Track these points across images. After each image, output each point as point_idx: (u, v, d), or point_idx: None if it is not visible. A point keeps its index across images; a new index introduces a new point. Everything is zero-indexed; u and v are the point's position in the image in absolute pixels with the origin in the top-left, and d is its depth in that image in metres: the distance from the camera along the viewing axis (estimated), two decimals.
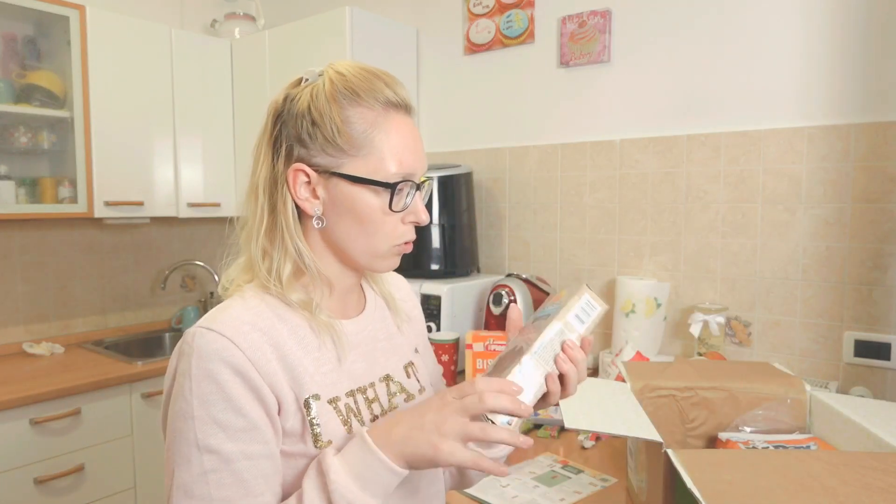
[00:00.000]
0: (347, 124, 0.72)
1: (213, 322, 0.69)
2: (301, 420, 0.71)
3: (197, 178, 2.51)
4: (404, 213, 0.76)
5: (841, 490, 0.66)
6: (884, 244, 1.54)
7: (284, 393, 0.70)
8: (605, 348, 1.98)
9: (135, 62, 2.30)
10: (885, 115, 1.54)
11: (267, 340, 0.70)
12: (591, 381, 1.10)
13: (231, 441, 0.66)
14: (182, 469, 0.65)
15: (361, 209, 0.74)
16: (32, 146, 2.19)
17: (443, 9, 2.35)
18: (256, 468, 0.67)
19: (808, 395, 1.07)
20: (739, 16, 1.72)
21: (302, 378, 0.72)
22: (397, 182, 0.73)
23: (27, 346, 2.26)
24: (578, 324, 0.73)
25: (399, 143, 0.74)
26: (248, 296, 0.74)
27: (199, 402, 0.65)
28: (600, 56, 1.96)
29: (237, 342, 0.67)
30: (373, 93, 0.74)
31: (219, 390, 0.66)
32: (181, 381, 0.67)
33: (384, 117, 0.74)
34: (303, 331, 0.74)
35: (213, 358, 0.66)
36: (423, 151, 0.79)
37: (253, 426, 0.67)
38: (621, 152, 1.96)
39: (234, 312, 0.71)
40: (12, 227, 2.30)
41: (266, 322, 0.71)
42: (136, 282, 2.68)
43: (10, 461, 1.78)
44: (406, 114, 0.77)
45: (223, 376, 0.66)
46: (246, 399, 0.67)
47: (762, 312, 1.72)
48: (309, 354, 0.74)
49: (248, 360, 0.67)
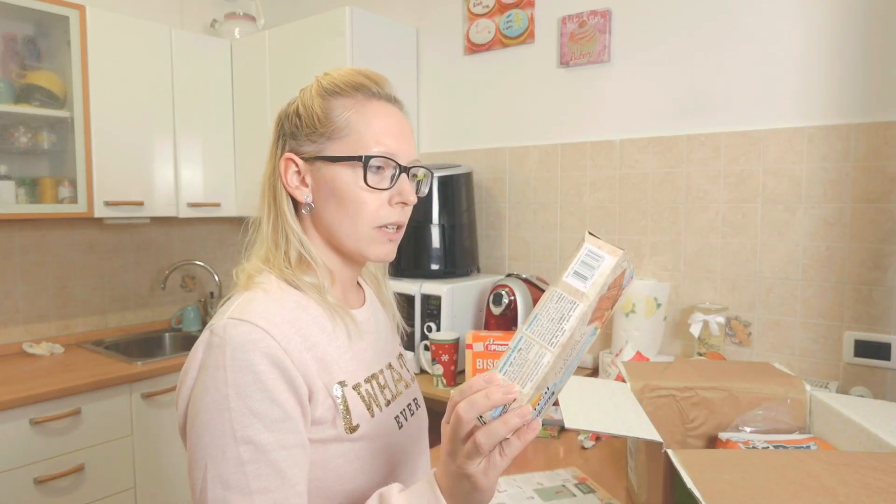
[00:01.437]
0: (328, 112, 0.77)
1: (245, 313, 0.70)
2: (332, 406, 0.73)
3: (197, 178, 2.51)
4: (391, 193, 0.78)
5: (841, 490, 0.66)
6: (884, 244, 1.54)
7: (315, 382, 0.71)
8: (605, 348, 1.98)
9: (135, 62, 2.30)
10: (885, 115, 1.54)
11: (296, 331, 0.72)
12: (591, 380, 1.10)
13: (268, 431, 0.66)
14: (218, 461, 0.65)
15: (341, 187, 0.77)
16: (32, 146, 2.18)
17: (443, 9, 2.35)
18: (292, 458, 0.68)
19: (808, 395, 1.07)
20: (740, 16, 1.72)
21: (330, 366, 0.74)
22: (372, 156, 0.76)
23: (27, 346, 2.26)
24: (580, 282, 0.59)
25: (378, 125, 0.77)
26: (269, 287, 0.75)
27: (236, 392, 0.66)
28: (600, 56, 1.96)
29: (272, 333, 0.69)
30: (354, 85, 0.79)
31: (256, 381, 0.66)
32: (213, 373, 0.67)
33: (364, 104, 0.78)
34: (322, 321, 0.77)
35: (249, 348, 0.67)
36: (411, 139, 0.81)
37: (288, 416, 0.68)
38: (621, 152, 1.96)
39: (263, 304, 0.72)
40: (12, 227, 2.30)
41: (292, 313, 0.73)
42: (136, 282, 2.68)
43: (10, 461, 1.78)
44: (390, 103, 0.81)
45: (261, 367, 0.67)
46: (281, 389, 0.68)
47: (762, 312, 1.72)
48: (332, 343, 0.76)
49: (284, 351, 0.69)
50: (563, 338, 0.58)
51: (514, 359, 0.59)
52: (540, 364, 0.58)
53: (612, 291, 0.61)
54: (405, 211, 0.81)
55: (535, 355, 0.59)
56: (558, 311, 0.59)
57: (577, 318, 0.58)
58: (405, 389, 0.89)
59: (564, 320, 0.59)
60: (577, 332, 0.59)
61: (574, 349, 0.61)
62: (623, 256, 0.59)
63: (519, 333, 0.60)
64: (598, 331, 0.63)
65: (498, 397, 0.57)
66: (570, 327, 0.58)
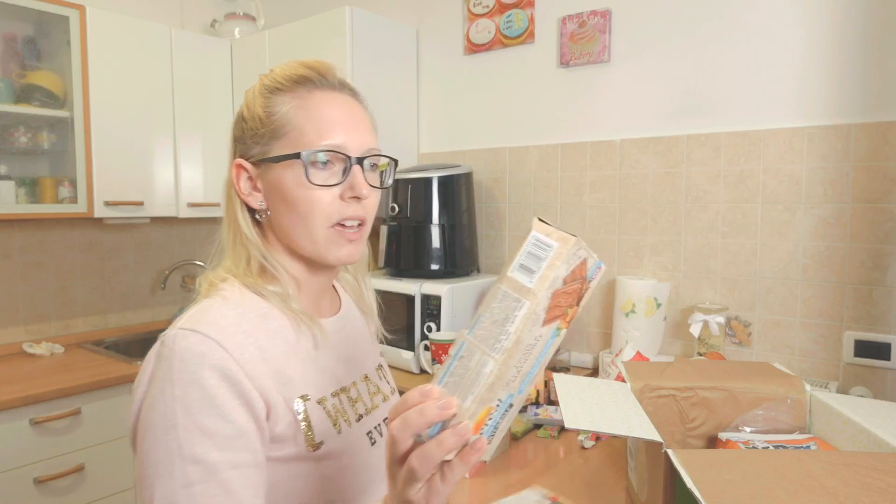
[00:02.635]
0: (269, 110, 0.73)
1: (195, 323, 0.66)
2: (292, 422, 0.69)
3: (197, 178, 2.51)
4: (341, 189, 0.72)
5: (841, 490, 0.66)
6: (884, 244, 1.54)
7: (273, 396, 0.67)
8: (605, 348, 1.98)
9: (135, 62, 2.30)
10: (885, 115, 1.54)
11: (252, 342, 0.67)
12: (591, 380, 1.10)
13: (218, 449, 0.62)
14: (164, 481, 0.61)
15: (287, 189, 0.72)
16: (32, 146, 2.18)
17: (443, 9, 2.35)
18: (245, 477, 0.63)
19: (808, 395, 1.07)
20: (740, 16, 1.72)
21: (291, 379, 0.70)
22: (314, 151, 0.71)
23: (27, 346, 2.26)
24: (526, 277, 0.50)
25: (321, 116, 0.72)
26: (229, 295, 0.71)
27: (183, 408, 0.61)
28: (600, 56, 1.96)
29: (224, 344, 0.64)
30: (294, 79, 0.74)
31: (205, 396, 0.62)
32: (161, 386, 0.63)
33: (305, 97, 0.74)
34: (286, 331, 0.72)
35: (197, 361, 0.63)
36: (364, 127, 0.75)
37: (241, 433, 0.64)
38: (621, 152, 1.96)
39: (218, 313, 0.68)
40: (12, 227, 2.30)
41: (250, 323, 0.69)
42: (136, 282, 2.68)
43: (10, 461, 1.78)
44: (335, 92, 0.75)
45: (209, 381, 0.62)
46: (233, 405, 0.63)
47: (762, 312, 1.72)
48: (296, 355, 0.72)
49: (236, 363, 0.64)
50: (509, 342, 0.50)
51: (454, 368, 0.51)
52: (482, 374, 0.50)
53: (573, 286, 0.52)
54: (364, 206, 0.74)
55: (476, 363, 0.50)
56: (502, 312, 0.51)
57: (524, 319, 0.50)
58: (382, 403, 0.83)
59: (509, 322, 0.50)
60: (528, 335, 0.51)
61: (529, 354, 0.51)
62: (576, 244, 0.51)
63: (460, 338, 0.52)
64: (563, 332, 0.53)
65: (433, 414, 0.49)
66: (516, 330, 0.50)
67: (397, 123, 2.38)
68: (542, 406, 1.55)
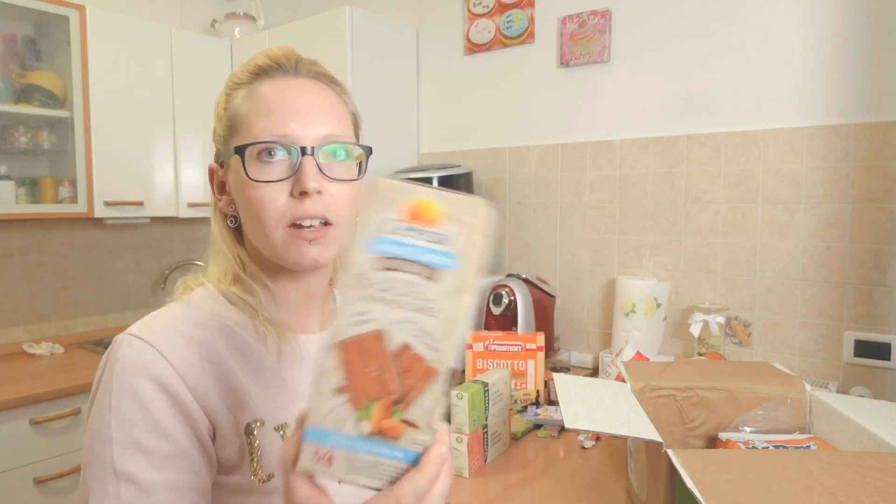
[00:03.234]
0: (227, 108, 0.69)
1: (143, 329, 0.61)
2: (240, 448, 0.62)
3: (197, 178, 2.51)
4: (290, 184, 0.63)
5: (841, 490, 0.66)
6: (884, 244, 1.54)
7: (221, 416, 0.61)
8: (605, 348, 1.98)
9: (135, 62, 2.30)
10: (885, 115, 1.54)
11: (205, 355, 0.62)
12: (591, 380, 1.10)
13: (154, 469, 0.57)
14: (97, 498, 0.57)
15: (238, 189, 0.66)
16: (32, 146, 2.18)
17: (443, 9, 2.35)
18: (182, 501, 0.58)
19: (808, 395, 1.07)
20: (740, 16, 1.72)
21: (244, 399, 0.63)
22: (247, 144, 0.64)
23: (27, 346, 2.25)
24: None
25: (266, 105, 0.65)
26: (195, 300, 0.67)
27: (118, 421, 0.57)
28: (600, 56, 1.96)
29: (167, 354, 0.59)
30: (253, 70, 0.68)
31: (141, 409, 0.57)
32: (101, 395, 0.59)
33: (253, 87, 0.67)
34: (252, 346, 0.66)
35: (137, 371, 0.58)
36: (320, 111, 0.66)
37: (181, 453, 0.58)
38: (621, 152, 1.96)
39: (171, 319, 0.63)
40: (12, 227, 2.30)
41: (207, 333, 0.63)
42: (136, 282, 2.68)
43: (10, 461, 1.78)
44: (290, 77, 0.67)
45: (147, 393, 0.58)
46: (173, 421, 0.58)
47: (762, 312, 1.72)
48: (257, 374, 0.65)
49: (179, 377, 0.59)
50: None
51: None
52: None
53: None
54: (323, 202, 0.64)
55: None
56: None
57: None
58: None
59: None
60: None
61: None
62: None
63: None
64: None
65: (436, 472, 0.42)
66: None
67: (397, 123, 2.38)
68: (542, 406, 1.55)
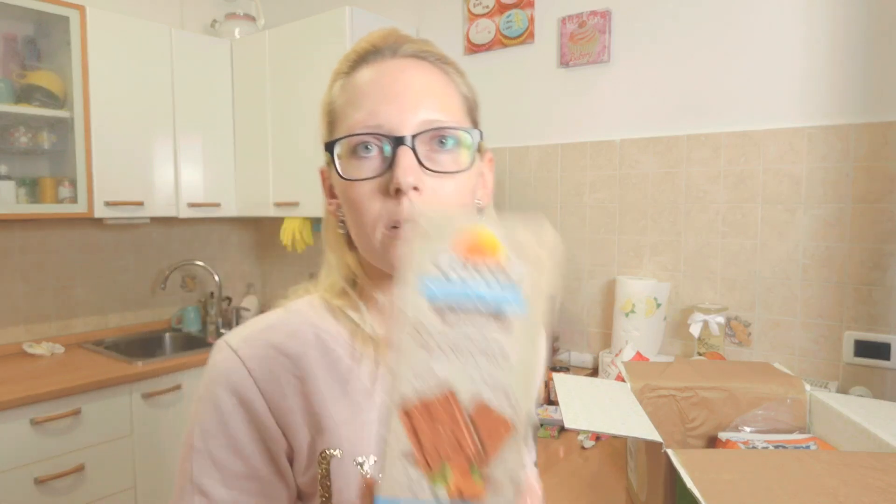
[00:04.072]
0: (327, 104, 0.62)
1: (235, 335, 0.58)
2: (313, 476, 0.56)
3: (197, 178, 2.51)
4: (384, 181, 0.55)
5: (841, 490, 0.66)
6: (884, 244, 1.54)
7: (300, 437, 0.56)
8: (605, 348, 1.98)
9: (135, 62, 2.30)
10: (885, 115, 1.54)
11: (292, 369, 0.57)
12: (591, 380, 1.10)
13: (225, 486, 0.55)
14: (176, 502, 0.57)
15: (338, 189, 0.60)
16: (32, 146, 2.18)
17: (443, 9, 2.35)
18: None
19: (808, 395, 1.07)
20: (740, 16, 1.72)
21: (325, 423, 0.56)
22: (333, 141, 0.57)
23: (27, 346, 2.25)
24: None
25: (359, 93, 0.58)
26: (295, 308, 0.62)
27: (200, 430, 0.56)
28: (600, 56, 1.96)
29: (250, 365, 0.56)
30: (353, 59, 0.60)
31: (220, 422, 0.55)
32: (195, 400, 0.58)
33: (350, 76, 0.60)
34: (345, 364, 0.59)
35: (220, 380, 0.56)
36: (415, 93, 0.57)
37: (252, 474, 0.56)
38: (621, 152, 1.96)
39: (266, 327, 0.59)
40: (12, 227, 2.30)
41: (300, 345, 0.58)
42: (136, 282, 2.68)
43: (10, 461, 1.78)
44: (386, 59, 0.59)
45: (226, 405, 0.55)
46: (248, 439, 0.55)
47: (762, 312, 1.72)
48: (346, 395, 0.58)
49: (259, 391, 0.55)
50: None
51: None
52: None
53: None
54: (421, 198, 0.55)
55: None
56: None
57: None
58: None
59: None
60: None
61: None
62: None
63: None
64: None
65: None
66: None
67: None
68: (542, 406, 1.56)
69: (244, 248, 3.09)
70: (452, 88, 0.61)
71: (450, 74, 0.61)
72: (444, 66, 0.61)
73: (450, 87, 0.60)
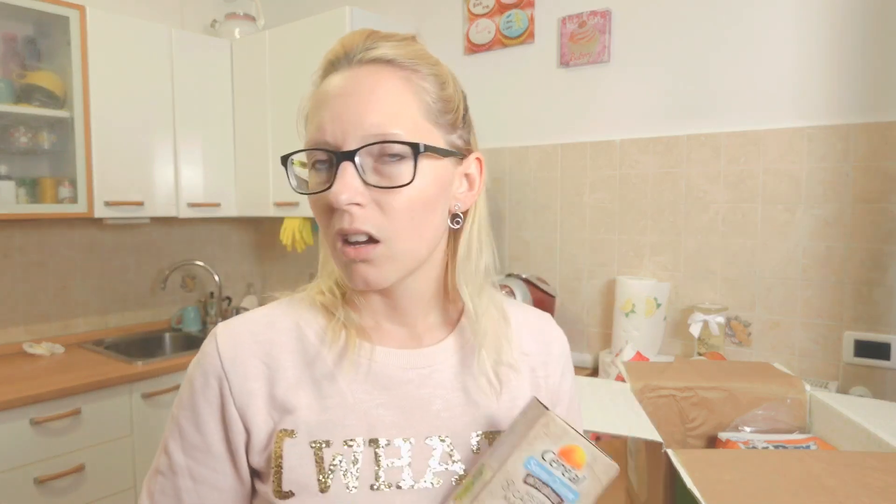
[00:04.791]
0: (303, 110, 0.63)
1: (223, 324, 0.64)
2: (268, 456, 0.59)
3: (197, 178, 2.51)
4: (330, 195, 0.56)
5: (841, 490, 0.66)
6: (884, 244, 1.54)
7: (258, 421, 0.59)
8: (605, 348, 1.98)
9: (135, 62, 2.30)
10: (885, 115, 1.54)
11: (262, 356, 0.60)
12: (591, 380, 1.10)
13: (183, 452, 0.61)
14: (154, 458, 0.64)
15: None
16: (32, 146, 2.18)
17: (443, 9, 2.35)
18: (197, 494, 0.61)
19: (807, 395, 1.07)
20: (740, 16, 1.73)
21: (289, 407, 0.59)
22: (285, 156, 0.59)
23: (27, 346, 2.25)
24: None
25: (316, 107, 0.59)
26: (283, 302, 0.67)
27: (178, 400, 0.63)
28: (600, 56, 1.96)
29: (221, 350, 0.61)
30: (323, 65, 0.61)
31: (189, 397, 0.62)
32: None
33: (319, 85, 0.60)
34: (313, 346, 0.62)
35: (199, 361, 0.62)
36: (363, 104, 0.56)
37: (207, 449, 0.60)
38: (621, 152, 1.96)
39: (252, 316, 0.65)
40: (12, 227, 2.30)
41: (274, 333, 0.62)
42: (136, 282, 2.68)
43: (10, 461, 1.78)
44: (350, 67, 0.58)
45: (197, 384, 0.61)
46: (209, 416, 0.60)
47: (762, 312, 1.72)
48: (313, 380, 0.60)
49: (223, 374, 0.60)
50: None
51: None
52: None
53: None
54: (362, 215, 0.55)
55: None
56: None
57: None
58: (429, 487, 0.59)
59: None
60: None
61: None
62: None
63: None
64: None
65: None
66: None
67: None
68: None
69: (244, 248, 3.09)
70: (410, 96, 0.58)
71: (413, 80, 0.59)
72: (413, 70, 0.59)
73: (406, 96, 0.58)
